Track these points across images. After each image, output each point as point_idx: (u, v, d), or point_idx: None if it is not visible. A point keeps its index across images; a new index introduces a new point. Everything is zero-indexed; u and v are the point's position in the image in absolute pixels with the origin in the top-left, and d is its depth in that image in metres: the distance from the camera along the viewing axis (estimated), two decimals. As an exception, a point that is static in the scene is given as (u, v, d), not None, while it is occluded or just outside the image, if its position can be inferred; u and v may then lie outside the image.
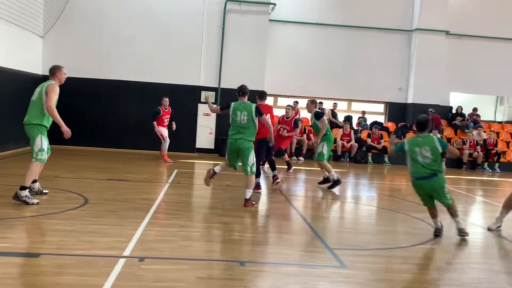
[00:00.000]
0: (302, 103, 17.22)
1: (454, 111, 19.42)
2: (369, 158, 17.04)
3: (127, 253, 4.97)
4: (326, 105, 18.54)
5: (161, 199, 8.11)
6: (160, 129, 13.53)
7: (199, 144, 16.60)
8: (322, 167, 10.29)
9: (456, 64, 18.89)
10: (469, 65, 19.00)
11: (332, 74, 18.49)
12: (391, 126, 18.87)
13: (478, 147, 17.34)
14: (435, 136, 6.65)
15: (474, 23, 18.87)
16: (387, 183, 13.36)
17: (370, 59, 18.58)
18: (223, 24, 16.45)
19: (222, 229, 6.53)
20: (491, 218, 7.40)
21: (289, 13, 18.06)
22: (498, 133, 19.16)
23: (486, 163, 17.41)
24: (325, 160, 10.12)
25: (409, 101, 18.88)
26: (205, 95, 8.07)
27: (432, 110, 18.05)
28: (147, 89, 15.89)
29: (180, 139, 15.41)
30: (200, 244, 5.69)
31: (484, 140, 17.78)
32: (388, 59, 18.75)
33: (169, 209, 7.51)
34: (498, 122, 20.55)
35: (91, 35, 15.91)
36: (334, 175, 10.07)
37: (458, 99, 20.03)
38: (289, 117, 12.26)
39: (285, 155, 12.41)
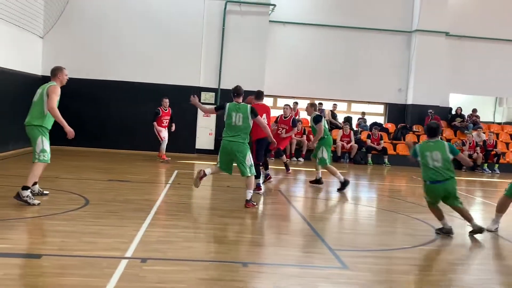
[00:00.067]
0: (302, 104, 17.25)
1: (453, 112, 19.43)
2: (369, 159, 17.05)
3: (129, 254, 4.97)
4: (326, 106, 18.56)
5: (161, 200, 8.11)
6: (159, 129, 13.63)
7: (198, 145, 16.60)
8: (329, 172, 10.32)
9: (456, 65, 18.93)
10: (469, 66, 19.05)
11: (332, 75, 18.50)
12: (391, 127, 18.90)
13: (478, 148, 17.36)
14: (446, 142, 6.81)
15: (474, 24, 18.92)
16: (387, 184, 13.37)
17: (370, 60, 18.59)
18: (223, 25, 16.46)
19: (223, 230, 6.52)
20: (490, 219, 7.40)
21: (289, 14, 18.08)
22: (497, 134, 19.19)
23: (485, 164, 17.44)
24: (328, 164, 10.16)
25: (409, 102, 18.90)
26: (191, 97, 8.02)
27: (432, 111, 18.10)
28: (147, 90, 15.86)
29: (180, 140, 15.42)
30: (202, 245, 5.70)
31: (484, 141, 17.81)
32: (388, 60, 18.77)
33: (170, 210, 7.51)
34: (498, 123, 20.60)
35: (91, 36, 15.90)
36: (341, 177, 10.12)
37: (457, 100, 20.07)
38: (287, 117, 12.22)
39: (283, 156, 12.41)
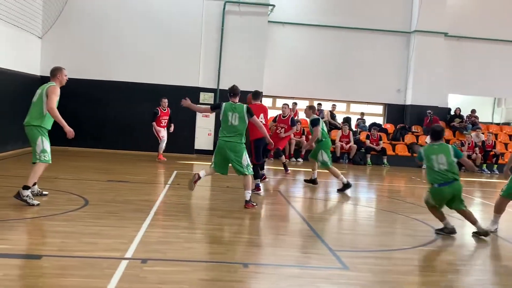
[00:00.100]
0: (301, 105, 17.25)
1: (452, 112, 19.46)
2: (368, 159, 17.06)
3: (129, 254, 4.96)
4: (325, 106, 18.57)
5: (161, 200, 8.09)
6: (158, 129, 13.72)
7: (197, 145, 16.58)
8: (332, 174, 10.36)
9: (455, 65, 18.95)
10: (468, 67, 19.08)
11: (331, 75, 18.51)
12: (390, 127, 18.91)
13: (477, 149, 17.38)
14: (450, 146, 6.83)
15: (472, 25, 18.95)
16: (386, 184, 13.38)
17: (369, 61, 18.60)
18: (222, 26, 16.46)
19: (223, 231, 6.52)
20: (489, 220, 7.39)
21: (288, 15, 18.08)
22: (496, 135, 19.22)
23: (484, 165, 17.46)
24: (329, 165, 10.19)
25: (408, 102, 18.92)
26: (182, 100, 7.99)
27: (431, 111, 18.13)
28: (146, 90, 15.85)
29: (179, 140, 15.42)
30: (202, 245, 5.69)
31: (483, 142, 17.84)
32: (387, 60, 18.79)
33: (169, 211, 7.49)
34: (496, 124, 20.63)
35: (90, 36, 15.87)
36: (344, 179, 10.16)
37: (456, 101, 20.11)
38: (286, 116, 12.21)
39: (282, 157, 12.40)
